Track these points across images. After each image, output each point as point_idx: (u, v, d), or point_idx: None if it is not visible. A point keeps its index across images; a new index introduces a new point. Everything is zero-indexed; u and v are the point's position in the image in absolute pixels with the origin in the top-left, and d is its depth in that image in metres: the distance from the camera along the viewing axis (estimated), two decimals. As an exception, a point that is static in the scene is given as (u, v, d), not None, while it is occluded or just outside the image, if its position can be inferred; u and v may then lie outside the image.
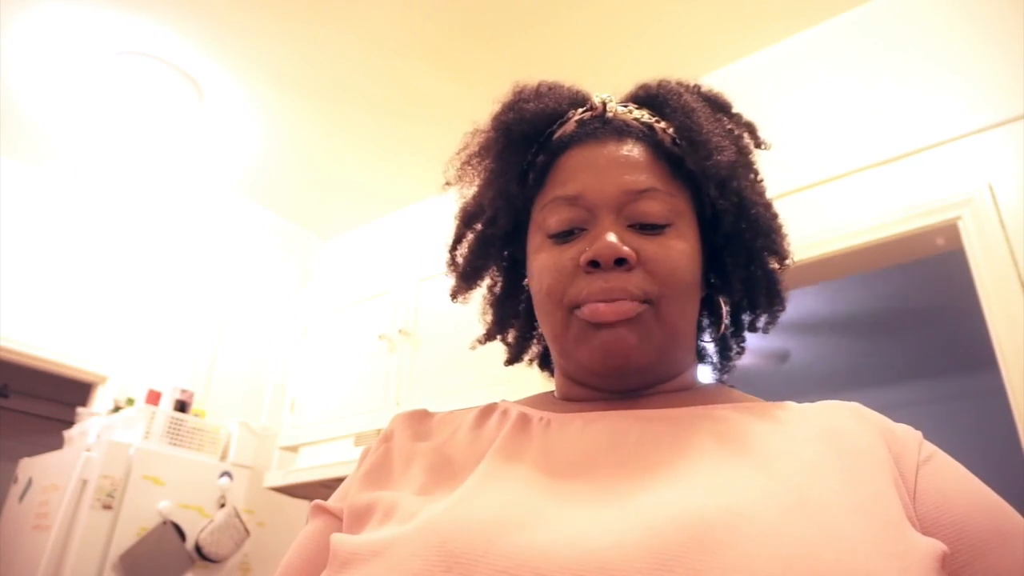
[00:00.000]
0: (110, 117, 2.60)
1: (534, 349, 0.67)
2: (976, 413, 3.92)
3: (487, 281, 0.66)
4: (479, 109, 0.65)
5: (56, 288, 2.82)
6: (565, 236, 0.55)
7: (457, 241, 0.65)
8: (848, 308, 3.61)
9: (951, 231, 1.63)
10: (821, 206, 1.82)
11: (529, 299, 0.62)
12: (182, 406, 2.57)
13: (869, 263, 1.82)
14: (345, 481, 0.58)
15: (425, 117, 2.50)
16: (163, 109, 2.52)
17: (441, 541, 0.40)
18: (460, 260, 0.65)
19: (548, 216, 0.56)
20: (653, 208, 0.54)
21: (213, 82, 2.42)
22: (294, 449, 2.61)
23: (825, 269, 1.83)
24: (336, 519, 0.53)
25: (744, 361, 0.65)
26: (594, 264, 0.51)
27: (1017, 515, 0.46)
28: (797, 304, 3.55)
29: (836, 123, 1.89)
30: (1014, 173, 1.58)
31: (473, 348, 0.68)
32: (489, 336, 0.66)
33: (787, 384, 4.29)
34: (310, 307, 2.89)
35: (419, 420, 0.61)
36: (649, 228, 0.53)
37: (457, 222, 0.65)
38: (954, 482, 0.47)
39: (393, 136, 2.63)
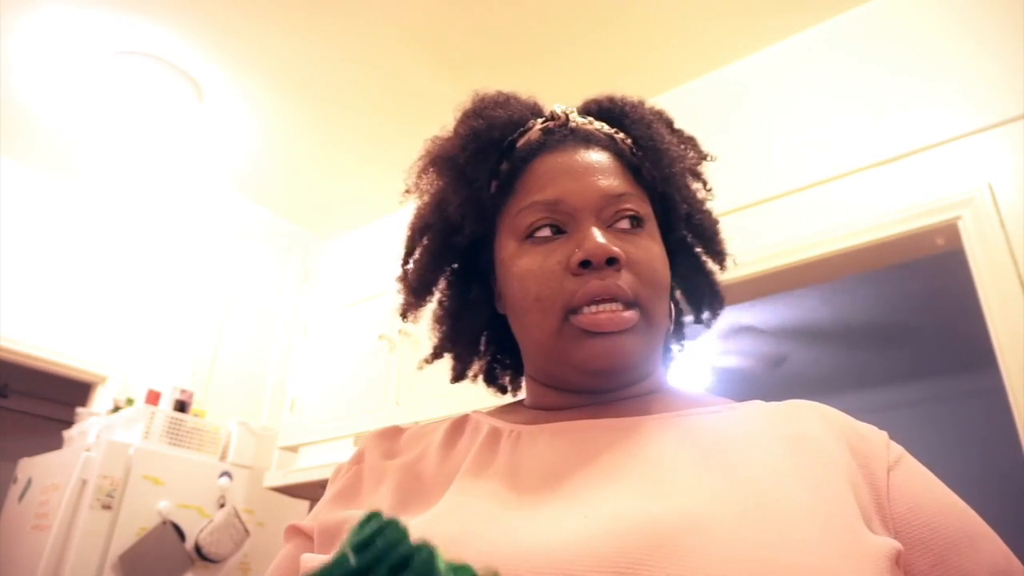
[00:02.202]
0: (110, 118, 2.60)
1: (476, 366, 0.67)
2: (976, 413, 3.92)
3: (436, 296, 0.65)
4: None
5: (56, 288, 2.82)
6: (544, 241, 0.55)
7: (410, 254, 0.65)
8: (846, 309, 3.61)
9: (951, 231, 1.63)
10: (821, 206, 1.82)
11: (478, 313, 0.63)
12: (182, 406, 2.57)
13: (869, 263, 1.82)
14: (318, 502, 0.58)
15: (425, 118, 2.50)
16: (163, 110, 2.52)
17: None
18: (412, 273, 0.64)
19: (524, 221, 0.56)
20: (630, 206, 0.56)
21: (213, 83, 2.42)
22: (294, 449, 2.61)
23: (825, 269, 1.83)
24: (309, 539, 0.54)
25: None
26: (584, 264, 0.52)
27: (981, 520, 0.48)
28: (794, 307, 3.55)
29: (836, 123, 1.89)
30: (1014, 173, 1.58)
31: (420, 368, 0.67)
32: (437, 354, 0.66)
33: (785, 387, 4.29)
34: (310, 307, 2.89)
35: (389, 438, 0.61)
36: (626, 231, 0.55)
37: (412, 234, 0.65)
38: (924, 484, 0.48)
39: (393, 137, 2.63)
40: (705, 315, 0.65)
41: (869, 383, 4.38)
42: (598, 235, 0.52)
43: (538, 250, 0.55)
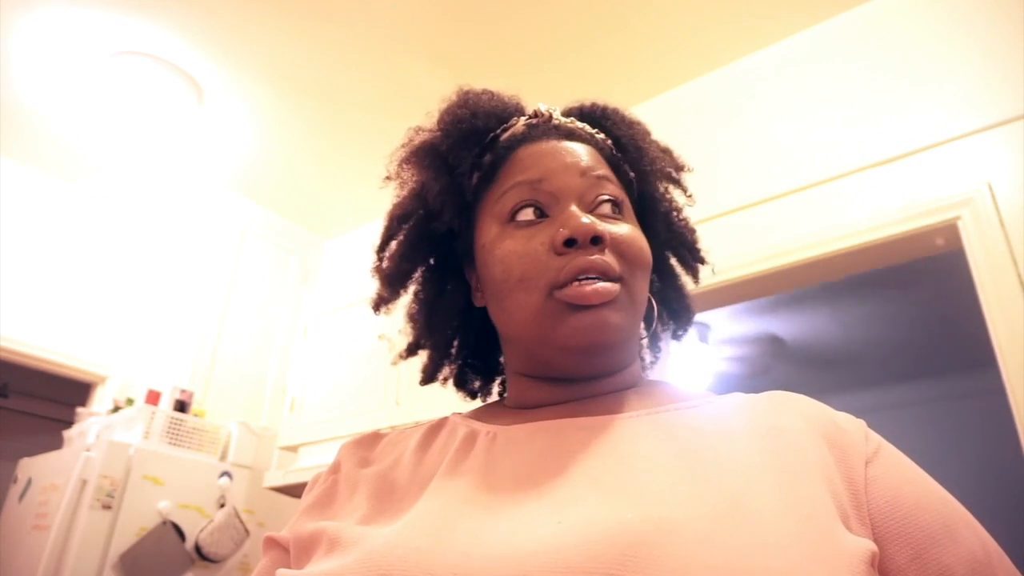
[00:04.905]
0: (110, 118, 2.60)
1: (447, 369, 0.67)
2: (976, 413, 3.92)
3: (412, 291, 0.65)
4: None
5: (56, 288, 2.82)
6: (528, 224, 0.55)
7: (387, 243, 0.65)
8: (846, 309, 3.61)
9: (951, 231, 1.64)
10: (821, 206, 1.82)
11: (452, 307, 0.63)
12: (182, 406, 2.57)
13: (869, 263, 1.82)
14: (296, 513, 0.58)
15: (424, 119, 2.50)
16: (163, 110, 2.52)
17: (380, 573, 0.40)
18: (389, 263, 0.64)
19: (507, 203, 0.56)
20: (611, 191, 0.57)
21: (213, 83, 2.42)
22: (294, 449, 2.61)
23: (825, 269, 1.83)
24: (286, 551, 0.53)
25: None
26: (569, 243, 0.52)
27: (960, 506, 0.47)
28: (794, 306, 3.55)
29: (836, 123, 1.89)
30: (1014, 173, 1.58)
31: (395, 364, 0.67)
32: (411, 350, 0.66)
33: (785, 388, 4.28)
34: (310, 307, 2.89)
35: (365, 446, 0.61)
36: (608, 216, 0.55)
37: (391, 222, 0.65)
38: (902, 474, 0.47)
39: (393, 137, 2.61)
40: (675, 327, 0.67)
41: (869, 383, 4.38)
42: (583, 215, 0.53)
43: (521, 233, 0.54)
